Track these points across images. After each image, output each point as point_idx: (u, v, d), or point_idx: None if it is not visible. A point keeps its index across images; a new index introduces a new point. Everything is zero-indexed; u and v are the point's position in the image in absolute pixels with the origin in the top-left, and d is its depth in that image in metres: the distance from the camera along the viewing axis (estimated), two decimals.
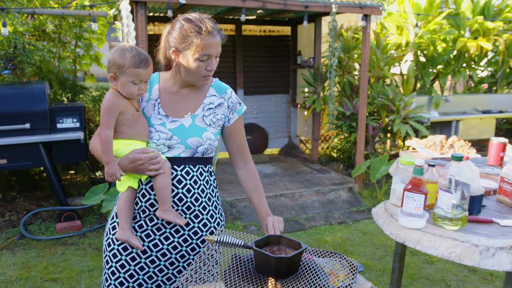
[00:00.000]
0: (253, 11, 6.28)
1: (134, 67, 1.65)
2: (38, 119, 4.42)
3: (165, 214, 1.70)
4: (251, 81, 7.30)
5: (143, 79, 1.69)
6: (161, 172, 1.68)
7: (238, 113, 1.87)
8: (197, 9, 5.94)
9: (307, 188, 5.56)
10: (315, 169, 6.52)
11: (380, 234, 4.53)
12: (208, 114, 1.80)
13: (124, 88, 1.68)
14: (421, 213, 1.73)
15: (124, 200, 1.75)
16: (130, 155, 1.67)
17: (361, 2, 5.36)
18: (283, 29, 7.42)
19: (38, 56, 5.18)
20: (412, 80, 6.95)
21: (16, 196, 5.41)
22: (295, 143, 7.68)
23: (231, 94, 1.86)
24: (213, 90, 1.85)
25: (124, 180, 1.75)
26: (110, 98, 1.68)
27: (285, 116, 7.63)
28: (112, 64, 1.66)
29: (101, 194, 4.52)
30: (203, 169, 1.81)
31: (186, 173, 1.76)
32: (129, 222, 1.75)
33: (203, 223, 1.80)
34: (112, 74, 1.67)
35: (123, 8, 4.66)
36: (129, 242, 1.72)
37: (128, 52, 1.65)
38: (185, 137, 1.74)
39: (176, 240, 1.78)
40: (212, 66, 1.70)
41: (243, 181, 1.94)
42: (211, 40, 1.66)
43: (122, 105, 1.69)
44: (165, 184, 1.69)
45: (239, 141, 1.90)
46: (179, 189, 1.74)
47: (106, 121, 1.66)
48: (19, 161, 4.46)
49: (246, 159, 1.95)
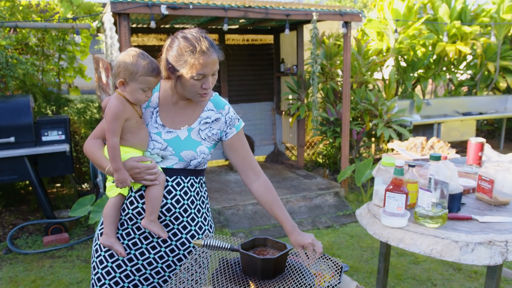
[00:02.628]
0: (236, 21, 6.34)
1: (147, 75, 1.64)
2: (23, 132, 4.39)
3: (150, 225, 1.69)
4: (235, 89, 7.34)
5: (152, 86, 1.69)
6: (156, 183, 1.68)
7: (237, 128, 1.87)
8: (180, 20, 5.98)
9: (293, 194, 5.59)
10: (301, 175, 6.56)
11: (367, 237, 4.58)
12: (204, 128, 1.80)
13: (133, 95, 1.67)
14: (403, 212, 1.77)
15: (111, 205, 1.74)
16: (128, 163, 1.66)
17: (341, 10, 5.45)
18: (265, 37, 7.49)
19: (21, 69, 5.14)
20: (393, 85, 7.05)
21: (2, 210, 5.34)
22: (280, 150, 7.71)
23: (229, 110, 1.86)
24: (211, 104, 1.85)
25: (114, 186, 1.74)
26: (116, 104, 1.65)
27: (270, 124, 7.67)
28: (124, 70, 1.64)
29: (88, 205, 4.50)
30: (194, 181, 1.81)
31: (177, 184, 1.76)
32: (114, 228, 1.74)
33: (191, 234, 1.80)
34: (122, 79, 1.65)
35: (106, 20, 4.68)
36: (113, 248, 1.72)
37: (141, 59, 1.64)
38: (180, 150, 1.74)
39: (163, 250, 1.78)
40: (207, 85, 1.69)
41: (260, 195, 1.90)
42: (205, 59, 1.65)
43: (128, 111, 1.68)
44: (157, 196, 1.69)
45: (242, 152, 1.88)
46: (168, 200, 1.74)
47: (113, 128, 1.64)
48: (4, 175, 4.42)
49: (257, 172, 1.92)
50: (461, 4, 7.39)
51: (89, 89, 10.20)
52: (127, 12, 4.44)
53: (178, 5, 4.61)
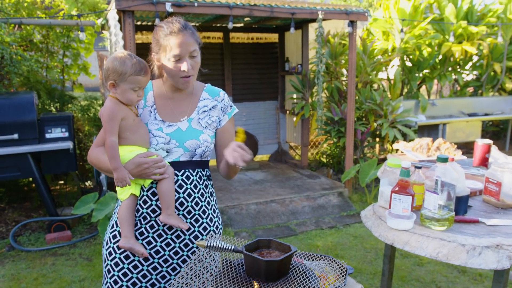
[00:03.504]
0: (241, 19, 6.32)
1: (135, 75, 1.69)
2: (27, 129, 4.39)
3: (168, 219, 1.72)
4: (239, 88, 7.33)
5: (143, 86, 1.73)
6: (165, 177, 1.71)
7: (229, 115, 1.91)
8: (185, 17, 5.97)
9: (297, 194, 5.57)
10: (305, 175, 6.54)
11: (371, 238, 4.56)
12: (203, 117, 1.84)
13: (124, 95, 1.71)
14: (409, 214, 1.75)
15: (125, 207, 1.76)
16: (135, 160, 1.69)
17: (347, 9, 5.43)
18: (270, 36, 7.47)
19: (25, 66, 5.15)
20: (399, 85, 7.02)
21: (5, 207, 5.35)
22: (284, 149, 7.70)
23: (224, 96, 1.91)
24: (206, 93, 1.89)
25: (126, 187, 1.76)
26: (110, 105, 1.70)
27: (274, 123, 7.66)
28: (112, 72, 1.69)
29: (91, 203, 4.49)
30: (201, 173, 1.85)
31: (187, 177, 1.79)
32: (131, 230, 1.76)
33: (203, 227, 1.83)
34: (112, 81, 1.70)
35: (111, 18, 4.67)
36: (133, 249, 1.73)
37: (128, 60, 1.69)
38: (183, 140, 1.76)
39: (177, 246, 1.79)
40: (185, 66, 1.71)
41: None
42: (176, 40, 1.69)
43: (123, 111, 1.72)
44: (169, 189, 1.72)
45: (229, 140, 1.87)
46: (180, 194, 1.77)
47: (110, 128, 1.68)
48: (7, 172, 4.42)
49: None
50: (468, 4, 7.34)
51: (93, 86, 10.22)
52: (132, 9, 4.43)
53: (183, 3, 4.59)
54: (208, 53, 7.00)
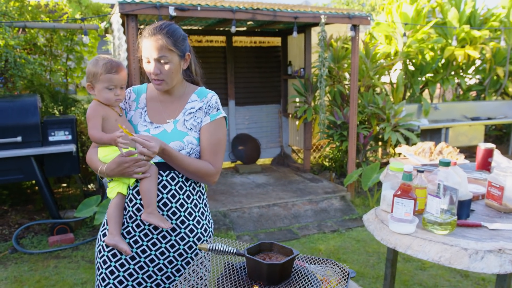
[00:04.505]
0: (244, 23, 6.34)
1: (107, 73, 1.75)
2: (30, 132, 4.41)
3: (149, 217, 1.72)
4: (242, 91, 7.34)
5: (117, 84, 1.78)
6: (147, 176, 1.73)
7: (211, 117, 1.84)
8: (188, 21, 5.99)
9: (299, 197, 5.57)
10: (308, 178, 6.54)
11: (373, 242, 4.55)
12: (188, 119, 1.84)
13: (101, 95, 1.78)
14: (411, 218, 1.75)
15: (113, 206, 1.81)
16: (116, 159, 1.72)
17: (349, 13, 5.43)
18: (273, 40, 7.49)
19: (29, 69, 5.17)
20: (401, 89, 7.02)
21: (8, 210, 5.36)
22: (287, 152, 7.70)
23: (211, 98, 1.86)
24: (195, 96, 1.88)
25: (113, 186, 1.82)
26: (91, 106, 1.80)
27: (277, 126, 7.66)
28: (88, 74, 1.79)
29: (93, 206, 4.51)
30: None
31: (172, 178, 1.80)
32: (118, 227, 1.79)
33: (190, 228, 1.82)
34: (88, 83, 1.79)
35: (114, 21, 4.69)
36: (118, 246, 1.75)
37: (101, 61, 1.77)
38: (167, 142, 1.77)
39: (163, 246, 1.80)
40: (153, 70, 1.74)
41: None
42: (145, 43, 1.74)
43: (104, 110, 1.79)
44: (150, 188, 1.74)
45: (204, 143, 1.83)
46: (164, 194, 1.78)
47: (92, 125, 1.76)
48: (11, 175, 4.43)
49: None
50: (471, 8, 7.34)
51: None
52: (135, 13, 4.45)
53: (186, 7, 4.61)
54: (211, 57, 7.02)
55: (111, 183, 1.83)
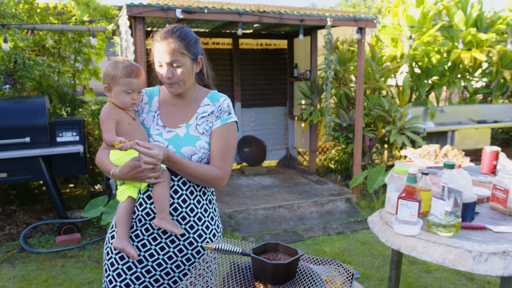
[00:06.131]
0: (250, 25, 6.36)
1: (126, 77, 1.74)
2: (38, 133, 4.45)
3: (162, 223, 1.72)
4: (248, 94, 7.36)
5: (135, 88, 1.77)
6: (160, 181, 1.72)
7: (222, 121, 1.83)
8: (195, 24, 6.02)
9: (305, 199, 5.57)
10: (313, 180, 6.54)
11: (378, 244, 4.54)
12: (201, 123, 1.83)
13: (118, 98, 1.76)
14: (416, 220, 1.76)
15: (123, 209, 1.80)
16: (129, 162, 1.71)
17: (355, 16, 5.44)
18: (279, 42, 7.50)
19: (38, 71, 5.22)
20: (407, 91, 7.01)
21: (16, 209, 5.41)
22: (293, 155, 7.70)
23: (223, 102, 1.86)
24: (207, 100, 1.88)
25: (124, 190, 1.81)
26: (105, 108, 1.78)
27: (283, 128, 7.67)
28: (106, 76, 1.76)
29: (100, 206, 4.54)
30: None
31: (183, 183, 1.79)
32: (126, 231, 1.79)
33: (198, 233, 1.82)
34: (106, 85, 1.77)
35: (122, 23, 4.73)
36: (125, 251, 1.75)
37: (121, 63, 1.75)
38: (180, 146, 1.77)
39: (171, 250, 1.80)
40: (166, 74, 1.74)
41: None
42: (157, 47, 1.74)
43: (118, 114, 1.77)
44: (163, 193, 1.73)
45: (213, 147, 1.82)
46: (175, 199, 1.78)
47: (105, 128, 1.74)
48: (19, 175, 4.47)
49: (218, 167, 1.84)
50: (477, 11, 7.33)
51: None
52: (143, 15, 4.48)
53: (193, 9, 4.64)
54: (218, 59, 7.05)
55: (122, 186, 1.82)
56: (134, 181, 1.77)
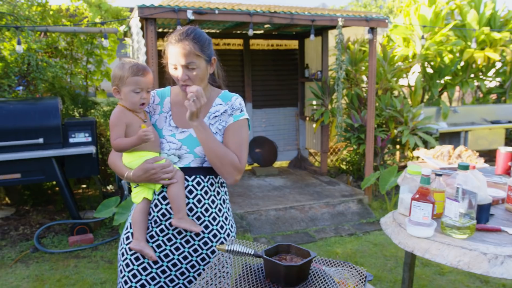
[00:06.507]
0: (261, 26, 6.36)
1: (133, 75, 1.76)
2: (51, 134, 4.49)
3: (180, 222, 1.74)
4: (259, 94, 7.36)
5: (143, 87, 1.79)
6: (174, 181, 1.75)
7: (234, 118, 1.85)
8: (206, 25, 6.04)
9: (316, 200, 5.55)
10: (325, 181, 6.52)
11: (391, 246, 4.51)
12: (214, 122, 1.85)
13: (127, 98, 1.78)
14: (429, 222, 1.74)
15: (139, 211, 1.82)
16: (143, 165, 1.75)
17: (367, 16, 5.41)
18: (290, 43, 7.49)
19: (50, 72, 5.28)
20: (420, 92, 6.96)
21: (29, 210, 5.47)
22: (304, 155, 7.69)
23: (235, 101, 1.89)
24: (219, 99, 1.90)
25: (139, 191, 1.83)
26: (115, 112, 1.80)
27: (294, 129, 7.66)
28: (114, 78, 1.79)
29: (112, 207, 4.56)
30: (213, 180, 1.86)
31: (197, 183, 1.81)
32: (143, 232, 1.80)
33: (213, 233, 1.83)
34: (115, 87, 1.80)
35: (133, 25, 4.76)
36: (143, 252, 1.77)
37: (127, 64, 1.78)
38: (193, 146, 1.79)
39: (186, 250, 1.81)
40: (181, 76, 1.76)
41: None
42: (171, 49, 1.76)
43: (128, 117, 1.79)
44: (179, 193, 1.75)
45: (228, 142, 1.83)
46: (190, 199, 1.79)
47: (115, 133, 1.76)
48: (33, 176, 4.52)
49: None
50: (491, 10, 7.24)
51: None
52: (154, 17, 4.51)
53: (204, 10, 4.65)
54: (229, 60, 7.05)
55: (136, 188, 1.85)
56: (149, 183, 1.79)
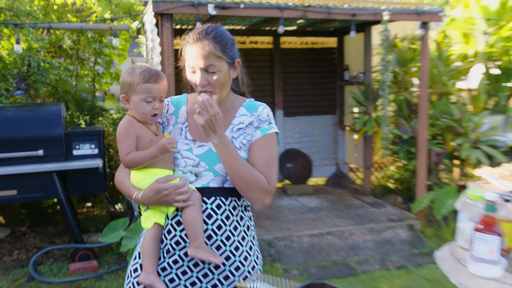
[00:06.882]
0: (293, 21, 6.35)
1: (144, 82, 1.75)
2: (53, 145, 4.56)
3: (197, 252, 1.71)
4: (291, 100, 7.36)
5: (156, 95, 1.78)
6: (190, 204, 1.72)
7: (262, 132, 1.84)
8: (230, 21, 6.07)
9: (358, 225, 5.49)
10: (368, 203, 6.44)
11: (449, 283, 4.36)
12: (237, 136, 1.84)
13: (137, 108, 1.78)
14: (497, 258, 1.67)
15: (149, 238, 1.79)
16: (154, 186, 1.73)
17: (418, 8, 5.34)
18: (328, 40, 7.48)
19: (53, 74, 5.38)
20: (483, 97, 6.79)
21: (26, 231, 5.56)
22: (343, 171, 7.63)
23: (262, 111, 1.88)
24: (243, 109, 1.89)
25: (149, 216, 1.82)
26: (123, 123, 1.79)
27: (332, 141, 7.61)
28: (123, 84, 1.79)
29: (120, 230, 4.59)
30: (236, 203, 1.84)
31: (217, 206, 1.78)
32: (154, 264, 1.78)
33: (236, 266, 1.80)
34: (123, 95, 1.80)
35: (147, 21, 4.82)
36: (153, 287, 1.74)
37: (138, 69, 1.77)
38: (213, 163, 1.78)
39: (204, 286, 1.78)
40: (200, 81, 1.74)
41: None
42: (189, 50, 1.76)
43: (137, 129, 1.78)
44: (196, 217, 1.73)
45: (255, 160, 1.82)
46: (208, 225, 1.77)
47: (126, 146, 1.75)
48: (30, 192, 4.58)
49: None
50: None
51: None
52: (171, 12, 4.55)
53: (228, 4, 4.67)
54: (256, 61, 7.08)
55: (146, 212, 1.83)
56: (161, 206, 1.78)
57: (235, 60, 1.82)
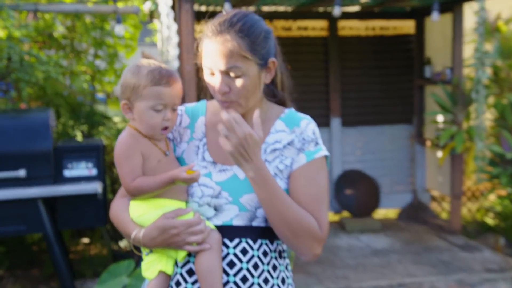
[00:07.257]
0: (355, 0, 6.31)
1: (153, 85, 1.73)
2: (38, 164, 4.61)
3: None
4: (352, 105, 7.36)
5: (168, 102, 1.75)
6: (206, 247, 1.70)
7: (308, 156, 1.81)
8: (270, 0, 6.06)
9: (442, 275, 5.44)
10: (457, 245, 6.37)
11: None
12: (272, 159, 1.81)
13: (144, 120, 1.75)
14: None
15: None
16: (159, 222, 1.71)
17: None
18: (402, 24, 7.47)
19: (41, 71, 5.44)
20: None
21: (4, 275, 5.63)
22: (423, 201, 7.56)
23: (306, 127, 1.84)
24: (281, 124, 1.86)
25: (152, 262, 1.80)
26: (124, 138, 1.77)
27: (407, 159, 7.59)
28: (125, 87, 1.77)
29: (123, 276, 4.59)
30: (268, 247, 1.81)
31: (242, 251, 1.76)
32: None
33: None
34: (125, 101, 1.77)
35: (162, 3, 4.85)
36: None
37: (144, 67, 1.75)
38: (239, 194, 1.76)
39: None
40: (219, 87, 1.71)
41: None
42: (207, 46, 1.73)
43: (142, 145, 1.76)
44: (213, 266, 1.70)
45: (299, 195, 1.78)
46: (230, 276, 1.74)
47: (130, 169, 1.73)
48: (9, 225, 4.64)
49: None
50: None
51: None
52: None
53: None
54: (305, 53, 7.09)
55: (149, 257, 1.82)
56: (168, 249, 1.76)
57: (269, 60, 1.78)
